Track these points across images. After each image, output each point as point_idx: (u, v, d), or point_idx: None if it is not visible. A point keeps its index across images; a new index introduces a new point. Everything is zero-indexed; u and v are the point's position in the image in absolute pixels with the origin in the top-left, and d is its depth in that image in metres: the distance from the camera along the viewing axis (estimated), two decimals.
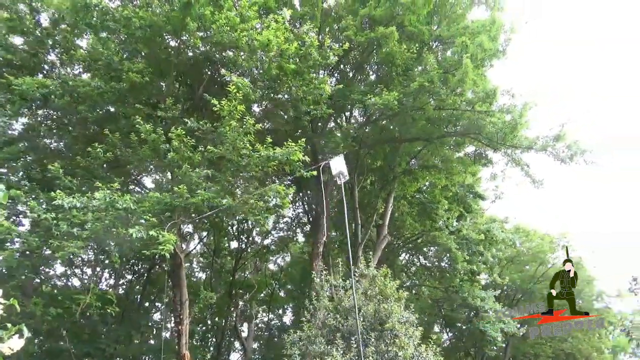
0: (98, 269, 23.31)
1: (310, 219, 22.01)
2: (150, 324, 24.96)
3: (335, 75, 19.78)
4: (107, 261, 22.70)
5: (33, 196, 11.58)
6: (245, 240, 28.06)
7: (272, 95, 14.78)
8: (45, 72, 15.68)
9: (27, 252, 12.08)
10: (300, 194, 22.88)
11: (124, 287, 26.85)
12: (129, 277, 26.78)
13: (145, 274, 25.78)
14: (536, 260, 27.28)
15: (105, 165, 13.21)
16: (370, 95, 15.47)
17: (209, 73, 15.89)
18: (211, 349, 29.24)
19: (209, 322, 29.80)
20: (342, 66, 19.46)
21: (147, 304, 26.52)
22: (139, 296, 25.53)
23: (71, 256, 12.17)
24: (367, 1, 17.13)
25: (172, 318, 21.25)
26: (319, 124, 18.78)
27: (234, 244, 29.27)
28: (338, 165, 9.83)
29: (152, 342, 26.16)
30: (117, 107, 13.97)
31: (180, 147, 11.43)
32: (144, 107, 13.20)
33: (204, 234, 27.52)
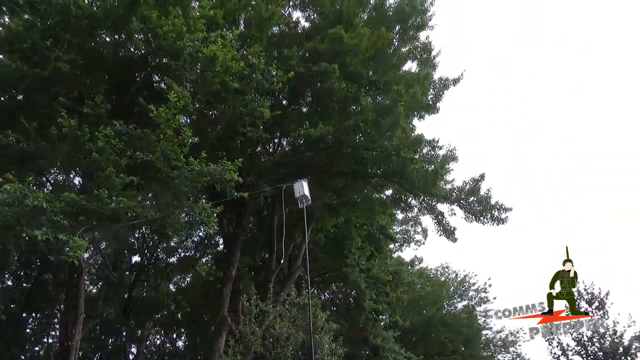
0: None
1: (225, 241, 21.38)
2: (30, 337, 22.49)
3: (270, 100, 19.80)
4: None
5: None
6: (149, 256, 26.54)
7: (208, 110, 14.42)
8: None
9: None
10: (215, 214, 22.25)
11: None
12: (9, 283, 24.07)
13: (28, 283, 23.31)
14: (434, 305, 28.63)
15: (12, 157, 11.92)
16: (306, 126, 15.66)
17: (143, 77, 15.20)
18: None
19: (93, 340, 27.44)
20: (276, 93, 19.55)
21: (24, 314, 23.88)
22: (13, 305, 22.92)
23: None
24: (312, 35, 17.56)
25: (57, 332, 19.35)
26: (248, 147, 18.57)
27: (135, 258, 27.58)
28: (301, 188, 9.68)
29: (22, 357, 23.53)
30: (36, 95, 12.79)
31: (106, 149, 10.67)
32: (68, 101, 12.19)
33: (102, 244, 25.61)
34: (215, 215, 12.49)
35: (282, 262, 17.92)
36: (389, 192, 21.09)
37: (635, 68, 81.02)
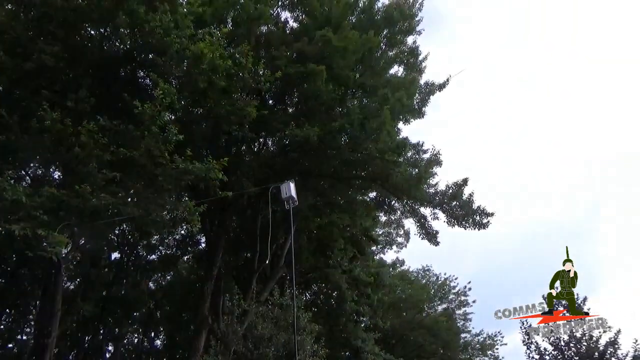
0: None
1: (207, 240, 21.17)
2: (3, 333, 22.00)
3: (257, 100, 19.74)
4: None
5: None
6: (129, 253, 26.16)
7: (193, 108, 14.32)
8: None
9: None
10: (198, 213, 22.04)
11: None
12: None
13: (3, 278, 22.80)
14: (414, 307, 28.83)
15: None
16: (292, 126, 15.67)
17: (128, 72, 15.02)
18: None
19: (69, 337, 26.96)
20: (262, 93, 19.51)
21: None
22: None
23: None
24: (300, 36, 17.55)
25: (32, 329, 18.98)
26: (233, 145, 18.48)
27: (115, 255, 27.14)
28: (288, 190, 9.71)
29: None
30: (17, 87, 12.55)
31: (89, 143, 10.51)
32: (51, 94, 11.98)
33: (82, 240, 25.16)
34: (198, 213, 12.40)
35: (266, 262, 17.87)
36: (372, 194, 21.21)
37: (625, 73, 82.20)
